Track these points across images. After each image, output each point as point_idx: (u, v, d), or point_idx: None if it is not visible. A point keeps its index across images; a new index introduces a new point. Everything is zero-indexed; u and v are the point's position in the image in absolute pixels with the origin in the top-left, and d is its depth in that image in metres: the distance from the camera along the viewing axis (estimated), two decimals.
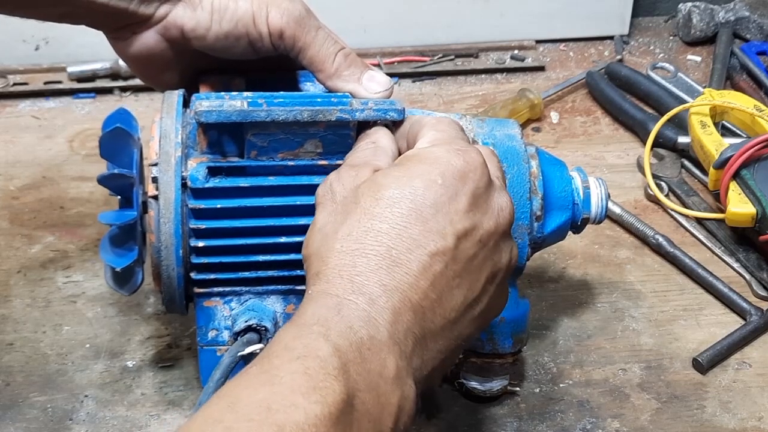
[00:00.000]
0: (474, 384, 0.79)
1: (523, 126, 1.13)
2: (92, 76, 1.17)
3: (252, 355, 0.66)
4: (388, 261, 0.56)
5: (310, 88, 0.76)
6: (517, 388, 0.82)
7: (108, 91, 1.16)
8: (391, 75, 1.18)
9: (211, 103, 0.65)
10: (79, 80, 1.16)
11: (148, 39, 0.72)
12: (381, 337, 0.54)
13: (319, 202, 0.62)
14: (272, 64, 0.74)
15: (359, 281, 0.55)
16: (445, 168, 0.59)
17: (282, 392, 0.49)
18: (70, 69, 1.16)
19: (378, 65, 1.19)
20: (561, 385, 0.83)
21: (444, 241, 0.57)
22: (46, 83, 1.16)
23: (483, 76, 1.21)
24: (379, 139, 0.66)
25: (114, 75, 1.16)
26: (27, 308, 0.89)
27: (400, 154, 0.66)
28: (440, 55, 1.22)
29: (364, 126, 0.68)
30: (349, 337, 0.53)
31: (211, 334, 0.71)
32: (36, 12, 0.72)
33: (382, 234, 0.56)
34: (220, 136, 0.68)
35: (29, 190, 1.02)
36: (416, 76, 1.21)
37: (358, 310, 0.54)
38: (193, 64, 0.75)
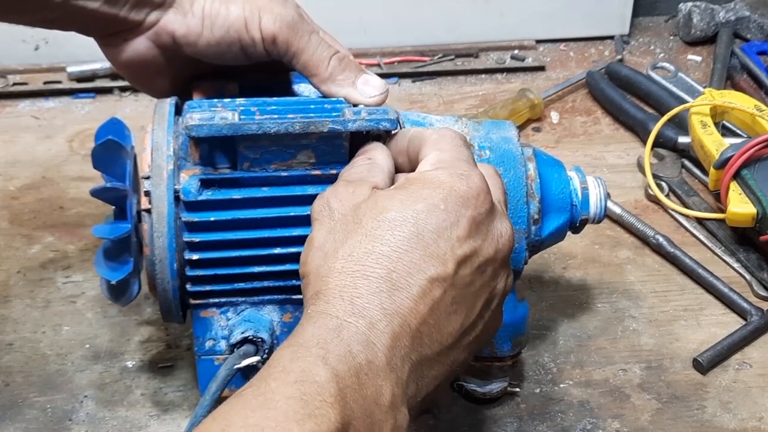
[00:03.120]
0: (473, 386, 0.79)
1: (524, 126, 1.13)
2: (92, 76, 1.17)
3: (249, 368, 0.66)
4: (389, 284, 0.55)
5: (304, 90, 0.76)
6: (517, 389, 0.82)
7: (108, 91, 1.17)
8: (391, 75, 1.19)
9: (202, 116, 0.65)
10: (79, 80, 1.16)
11: (139, 45, 0.72)
12: (379, 362, 0.53)
13: (316, 218, 0.61)
14: (266, 67, 0.74)
15: (360, 303, 0.55)
16: (448, 193, 0.58)
17: (276, 417, 0.49)
18: (69, 69, 1.16)
19: (378, 65, 1.19)
20: (561, 385, 0.83)
21: (444, 266, 0.57)
22: (45, 83, 1.16)
23: (483, 76, 1.21)
24: (375, 155, 0.65)
25: (114, 75, 1.16)
26: (27, 308, 0.89)
27: (396, 170, 0.65)
28: (440, 55, 1.22)
29: (357, 135, 0.68)
30: (348, 362, 0.52)
31: (209, 344, 0.70)
32: (25, 18, 0.72)
33: (383, 256, 0.56)
34: (212, 148, 0.67)
35: (29, 190, 1.02)
36: (416, 76, 1.21)
37: (358, 333, 0.53)
38: (185, 70, 0.74)
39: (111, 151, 0.69)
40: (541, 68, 1.23)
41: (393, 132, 0.68)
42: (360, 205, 0.59)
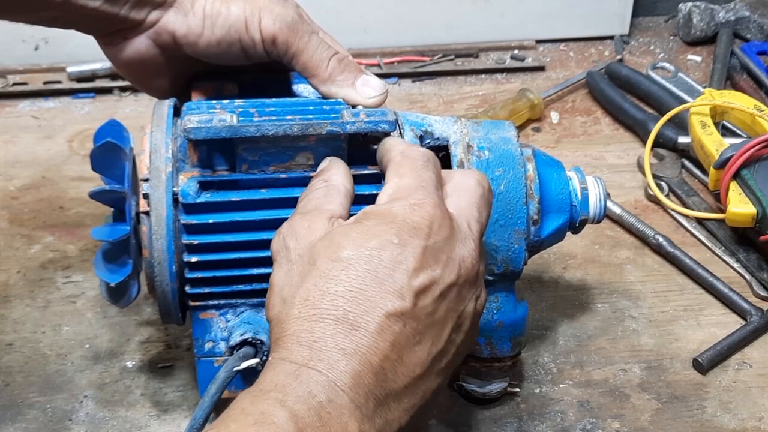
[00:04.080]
0: (473, 386, 0.79)
1: (523, 126, 1.13)
2: (92, 76, 1.17)
3: (248, 370, 0.66)
4: (346, 325, 0.55)
5: (304, 90, 0.76)
6: (517, 389, 0.82)
7: (107, 91, 1.17)
8: (391, 75, 1.19)
9: (201, 118, 0.65)
10: (79, 80, 1.16)
11: (139, 44, 0.72)
12: (341, 401, 0.53)
13: (275, 258, 0.60)
14: (265, 67, 0.74)
15: (317, 347, 0.54)
16: (401, 226, 0.57)
17: None
18: (69, 69, 1.16)
19: (378, 65, 1.19)
20: (561, 385, 0.83)
21: (401, 301, 0.56)
22: (45, 83, 1.16)
23: (483, 76, 1.21)
24: (331, 177, 0.64)
25: (113, 75, 1.16)
26: (26, 308, 0.89)
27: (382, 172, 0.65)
28: (440, 55, 1.22)
29: (355, 136, 0.68)
30: (307, 402, 0.52)
31: (208, 345, 0.70)
32: (26, 16, 0.72)
33: (338, 297, 0.55)
34: (210, 150, 0.67)
35: (29, 190, 1.02)
36: (416, 76, 1.21)
37: (318, 375, 0.53)
38: (185, 70, 0.74)
39: (110, 153, 0.69)
40: (541, 68, 1.22)
41: (392, 133, 0.68)
42: (316, 243, 0.58)
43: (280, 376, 0.53)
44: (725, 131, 1.04)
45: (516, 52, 1.24)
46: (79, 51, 1.14)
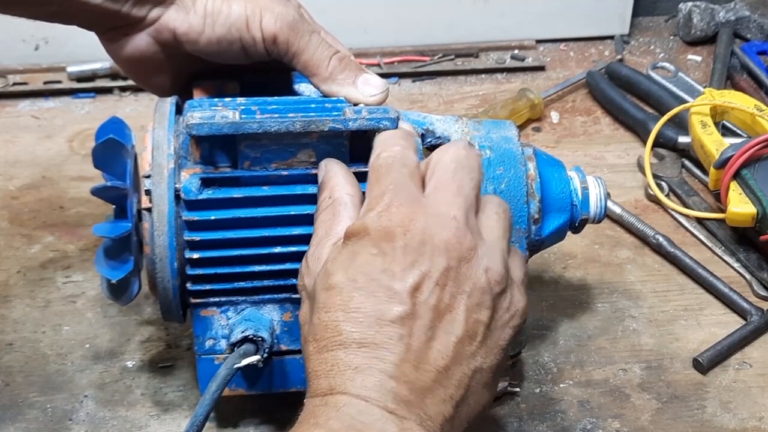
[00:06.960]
0: None
1: (524, 126, 1.13)
2: (92, 76, 1.17)
3: (249, 367, 0.66)
4: (354, 346, 0.55)
5: (305, 89, 0.76)
6: (517, 389, 0.82)
7: (108, 90, 1.16)
8: (391, 75, 1.19)
9: (203, 115, 0.65)
10: (79, 80, 1.16)
11: (139, 41, 0.72)
12: (371, 411, 0.54)
13: (300, 296, 0.62)
14: (266, 67, 0.74)
15: (333, 374, 0.55)
16: (375, 236, 0.58)
17: None
18: (69, 69, 1.16)
19: (378, 65, 1.19)
20: (561, 385, 0.83)
21: (399, 306, 0.56)
22: (45, 83, 1.16)
23: (483, 75, 1.21)
24: (334, 189, 0.64)
25: (114, 75, 1.16)
26: (26, 308, 0.89)
27: None
28: (440, 55, 1.22)
29: (357, 134, 0.68)
30: (339, 419, 0.53)
31: (209, 343, 0.70)
32: (26, 11, 0.71)
33: (339, 323, 0.56)
34: (212, 147, 0.67)
35: (29, 190, 1.02)
36: (416, 76, 1.21)
37: (342, 396, 0.54)
38: (186, 67, 0.74)
39: (112, 149, 0.69)
40: (541, 68, 1.22)
41: None
42: (317, 276, 0.60)
43: (309, 408, 0.55)
44: (725, 131, 1.04)
45: (516, 52, 1.24)
46: (79, 51, 1.14)
